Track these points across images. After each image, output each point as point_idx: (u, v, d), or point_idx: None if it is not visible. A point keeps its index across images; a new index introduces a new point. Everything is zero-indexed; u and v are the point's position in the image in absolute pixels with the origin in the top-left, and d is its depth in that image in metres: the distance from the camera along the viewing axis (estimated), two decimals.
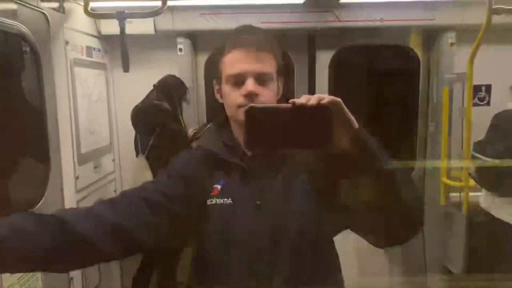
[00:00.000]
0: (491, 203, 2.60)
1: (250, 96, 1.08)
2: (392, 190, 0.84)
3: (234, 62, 1.11)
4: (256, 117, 0.77)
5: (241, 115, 1.08)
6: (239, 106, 1.10)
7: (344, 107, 0.80)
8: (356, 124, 0.82)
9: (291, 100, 0.78)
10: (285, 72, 1.20)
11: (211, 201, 1.13)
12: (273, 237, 1.08)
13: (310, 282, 1.10)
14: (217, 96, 1.22)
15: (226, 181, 1.14)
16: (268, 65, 1.12)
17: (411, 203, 0.88)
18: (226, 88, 1.13)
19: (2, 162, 1.85)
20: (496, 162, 2.45)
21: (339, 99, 0.79)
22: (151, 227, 1.04)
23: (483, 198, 2.69)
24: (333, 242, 1.19)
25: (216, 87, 1.21)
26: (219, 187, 1.14)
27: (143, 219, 1.03)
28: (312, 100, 0.77)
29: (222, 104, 1.20)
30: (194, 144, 2.67)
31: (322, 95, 0.78)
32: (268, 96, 1.11)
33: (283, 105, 0.78)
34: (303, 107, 0.76)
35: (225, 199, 1.12)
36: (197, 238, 1.17)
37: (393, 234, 0.92)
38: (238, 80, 1.10)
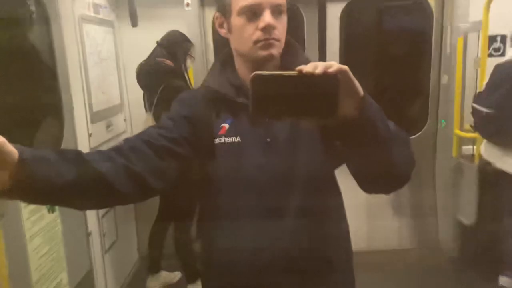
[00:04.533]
0: (490, 153, 2.61)
1: (268, 29, 1.02)
2: (388, 151, 0.89)
3: None
4: (262, 85, 0.77)
5: (258, 51, 1.05)
6: (256, 42, 1.04)
7: (351, 75, 0.79)
8: (361, 92, 0.82)
9: (298, 68, 0.77)
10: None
11: (219, 140, 1.11)
12: (283, 173, 1.09)
13: (317, 216, 1.12)
14: (221, 31, 1.13)
15: (233, 120, 1.12)
16: None
17: (402, 161, 0.95)
18: (239, 21, 1.05)
19: (16, 121, 1.87)
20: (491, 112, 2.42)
21: (346, 67, 0.78)
22: (159, 170, 1.03)
23: (483, 148, 2.69)
24: (334, 176, 1.20)
25: (219, 20, 1.12)
26: (226, 126, 1.12)
27: (149, 163, 1.01)
28: (319, 68, 0.76)
29: (227, 40, 1.14)
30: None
31: (330, 63, 0.77)
32: (282, 30, 1.07)
33: (290, 72, 0.78)
34: (310, 75, 0.76)
35: (233, 138, 1.10)
36: (205, 179, 1.15)
37: (380, 184, 1.00)
38: (254, 12, 1.02)
